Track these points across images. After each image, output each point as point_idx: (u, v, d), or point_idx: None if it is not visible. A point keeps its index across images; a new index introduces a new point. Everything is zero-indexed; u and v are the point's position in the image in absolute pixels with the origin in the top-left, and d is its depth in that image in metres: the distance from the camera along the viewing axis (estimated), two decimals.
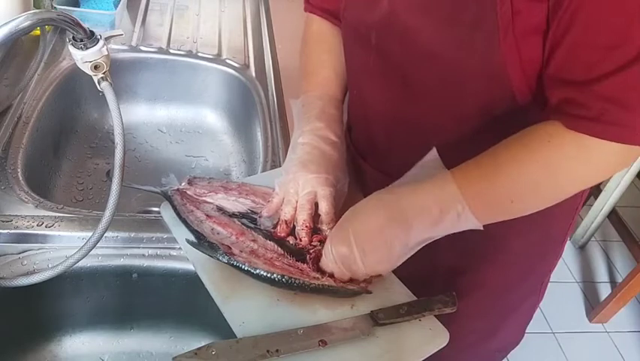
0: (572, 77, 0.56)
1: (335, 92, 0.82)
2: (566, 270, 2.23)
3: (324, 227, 0.70)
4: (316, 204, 0.72)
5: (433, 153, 0.66)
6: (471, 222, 0.61)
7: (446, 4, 0.61)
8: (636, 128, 0.55)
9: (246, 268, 0.64)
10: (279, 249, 0.68)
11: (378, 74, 0.73)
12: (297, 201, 0.72)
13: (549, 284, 0.91)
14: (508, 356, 1.00)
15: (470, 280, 0.81)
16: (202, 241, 0.67)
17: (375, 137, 0.81)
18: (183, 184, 0.76)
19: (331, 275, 0.65)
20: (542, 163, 0.58)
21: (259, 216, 0.73)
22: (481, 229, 0.61)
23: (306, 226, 0.69)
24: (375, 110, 0.78)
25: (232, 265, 0.64)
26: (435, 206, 0.61)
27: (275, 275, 0.64)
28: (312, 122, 0.76)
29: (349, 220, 0.65)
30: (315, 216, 0.72)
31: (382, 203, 0.64)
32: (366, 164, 0.84)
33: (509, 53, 0.58)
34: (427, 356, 0.63)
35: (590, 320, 2.06)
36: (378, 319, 0.63)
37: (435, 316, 0.66)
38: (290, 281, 0.64)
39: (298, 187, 0.72)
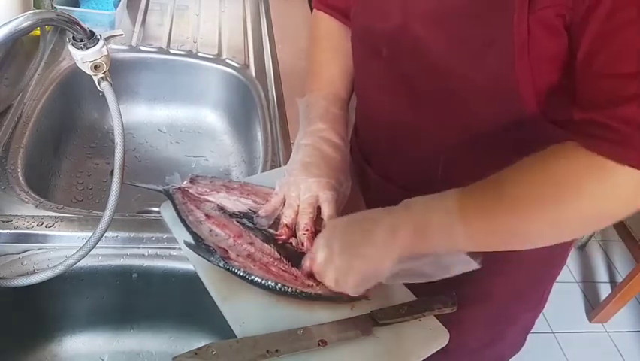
0: (596, 101, 0.53)
1: (340, 92, 0.81)
2: (566, 270, 2.23)
3: None
4: (318, 208, 0.71)
5: None
6: (461, 238, 0.58)
7: (460, 20, 0.60)
8: None
9: (241, 274, 0.64)
10: (276, 253, 0.68)
11: (386, 82, 0.72)
12: (298, 205, 0.71)
13: None
14: None
15: (476, 291, 0.80)
16: (199, 244, 0.68)
17: (379, 143, 0.81)
18: (185, 183, 0.76)
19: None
20: (549, 176, 0.55)
21: (256, 216, 0.72)
22: (473, 263, 0.58)
23: (308, 230, 0.69)
24: (381, 118, 0.77)
25: (228, 269, 0.65)
26: (425, 218, 0.59)
27: (269, 283, 0.64)
28: (315, 123, 0.76)
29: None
30: (317, 219, 0.72)
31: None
32: (370, 169, 0.84)
33: (523, 73, 0.58)
34: (427, 356, 0.63)
35: (590, 320, 2.06)
36: (378, 319, 0.63)
37: (435, 316, 0.66)
38: (283, 289, 0.64)
39: (299, 190, 0.71)
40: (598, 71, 0.53)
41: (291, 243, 0.70)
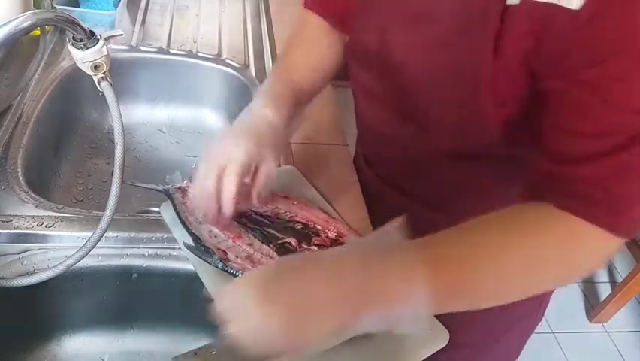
0: (559, 155, 0.54)
1: (294, 76, 0.77)
2: None
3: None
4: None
5: (396, 223, 0.57)
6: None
7: (434, 51, 0.62)
8: (619, 218, 0.52)
9: (239, 276, 0.65)
10: (275, 254, 0.68)
11: (374, 94, 0.75)
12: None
13: None
14: None
15: None
16: (198, 245, 0.68)
17: (367, 148, 0.85)
18: (185, 182, 0.76)
19: None
20: (515, 224, 0.54)
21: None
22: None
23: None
24: (367, 124, 0.81)
25: (227, 271, 0.65)
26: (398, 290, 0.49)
27: None
28: (255, 100, 0.72)
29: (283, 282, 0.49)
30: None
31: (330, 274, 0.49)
32: (369, 170, 0.87)
33: (489, 104, 0.59)
34: (427, 356, 0.63)
35: (590, 320, 2.06)
36: None
37: (435, 316, 0.66)
38: None
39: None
40: (559, 125, 0.54)
41: (291, 243, 0.70)
